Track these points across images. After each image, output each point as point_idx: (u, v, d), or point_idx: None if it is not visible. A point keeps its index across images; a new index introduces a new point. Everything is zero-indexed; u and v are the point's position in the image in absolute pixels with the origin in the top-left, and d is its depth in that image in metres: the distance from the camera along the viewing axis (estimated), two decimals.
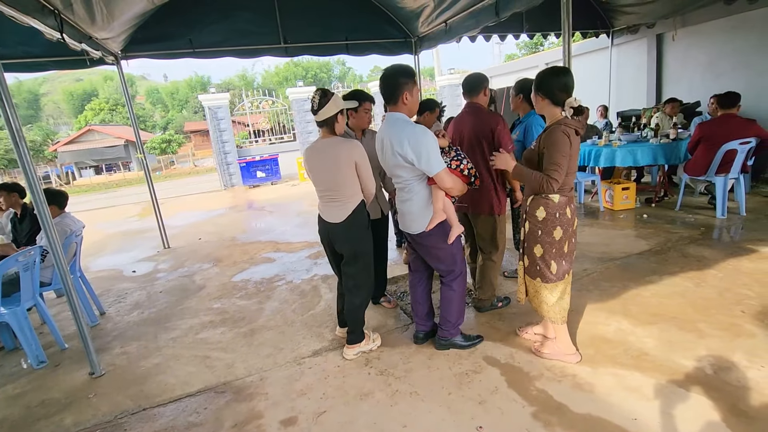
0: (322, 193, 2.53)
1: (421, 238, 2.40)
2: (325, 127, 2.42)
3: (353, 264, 2.54)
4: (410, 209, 2.37)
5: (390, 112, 2.34)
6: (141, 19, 4.75)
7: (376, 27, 6.23)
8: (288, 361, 2.72)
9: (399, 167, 2.28)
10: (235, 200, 10.07)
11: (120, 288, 4.53)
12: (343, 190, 2.42)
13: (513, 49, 25.15)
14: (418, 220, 2.36)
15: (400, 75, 2.26)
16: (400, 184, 2.38)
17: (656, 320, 2.69)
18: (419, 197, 2.33)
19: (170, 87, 54.51)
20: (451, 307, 2.55)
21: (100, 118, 37.46)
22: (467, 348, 2.61)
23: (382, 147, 2.36)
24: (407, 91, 2.27)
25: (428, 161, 2.16)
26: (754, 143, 4.32)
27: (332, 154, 2.39)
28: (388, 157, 2.32)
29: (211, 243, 6.04)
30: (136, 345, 3.18)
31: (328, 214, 2.52)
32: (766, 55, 6.04)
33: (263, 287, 4.06)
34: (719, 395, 1.99)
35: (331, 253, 2.69)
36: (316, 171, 2.48)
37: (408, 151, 2.17)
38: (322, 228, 2.61)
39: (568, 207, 2.20)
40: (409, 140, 2.17)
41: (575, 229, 2.29)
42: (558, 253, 2.24)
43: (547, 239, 2.22)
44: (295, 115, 12.92)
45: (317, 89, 2.40)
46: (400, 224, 2.53)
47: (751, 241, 3.81)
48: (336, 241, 2.53)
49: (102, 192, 18.71)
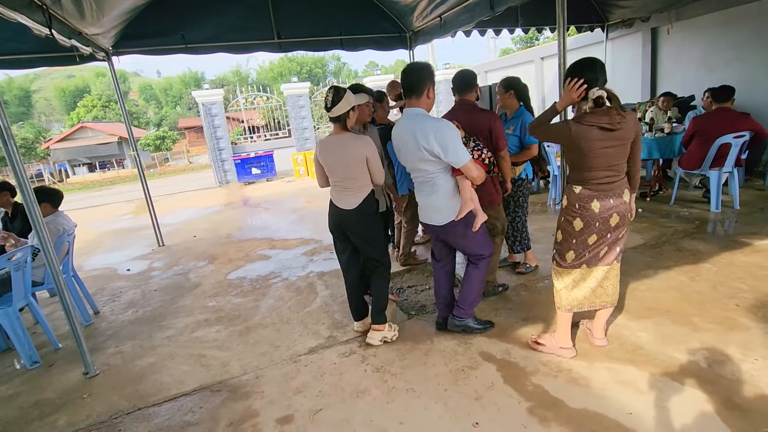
0: (335, 183, 2.63)
1: (447, 229, 2.46)
2: (338, 123, 2.53)
3: (369, 246, 2.67)
4: (435, 202, 2.42)
5: (409, 107, 2.40)
6: (132, 14, 4.68)
7: (371, 22, 6.18)
8: (284, 359, 2.71)
9: (424, 161, 2.32)
10: (230, 197, 10.02)
11: (114, 287, 4.49)
12: (354, 182, 2.55)
13: (508, 43, 25.08)
14: (444, 211, 2.42)
15: (426, 70, 2.35)
16: (422, 178, 2.43)
17: (651, 314, 2.70)
18: (444, 189, 2.38)
19: (163, 83, 54.05)
20: (473, 286, 2.61)
21: (93, 115, 37.12)
22: (479, 332, 2.68)
23: (403, 142, 2.39)
24: (431, 87, 2.35)
25: (455, 153, 2.23)
26: (748, 137, 4.34)
27: (344, 151, 2.51)
28: (411, 152, 2.35)
29: (206, 240, 6.01)
30: (130, 344, 3.16)
31: (341, 201, 2.62)
32: (760, 49, 6.06)
33: (259, 285, 4.05)
34: (713, 388, 2.00)
35: (341, 241, 2.76)
36: (329, 164, 2.59)
37: (434, 145, 2.22)
38: (335, 214, 2.68)
39: (596, 201, 2.14)
40: (435, 134, 2.22)
41: (615, 228, 2.19)
42: (579, 244, 2.23)
43: (567, 227, 2.26)
44: (290, 111, 12.83)
45: (330, 87, 2.48)
46: (421, 218, 2.59)
47: (745, 234, 3.83)
48: (348, 227, 2.64)
49: (96, 190, 18.57)
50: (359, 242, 2.68)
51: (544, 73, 10.27)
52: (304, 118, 12.90)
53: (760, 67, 6.10)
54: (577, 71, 2.14)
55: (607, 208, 2.15)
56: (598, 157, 2.08)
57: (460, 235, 2.48)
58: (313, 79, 41.69)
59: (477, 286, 2.63)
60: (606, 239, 2.22)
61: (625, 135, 2.08)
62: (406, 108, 2.44)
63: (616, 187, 2.15)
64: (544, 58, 10.25)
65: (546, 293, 3.14)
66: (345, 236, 2.70)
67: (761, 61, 6.08)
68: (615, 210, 2.16)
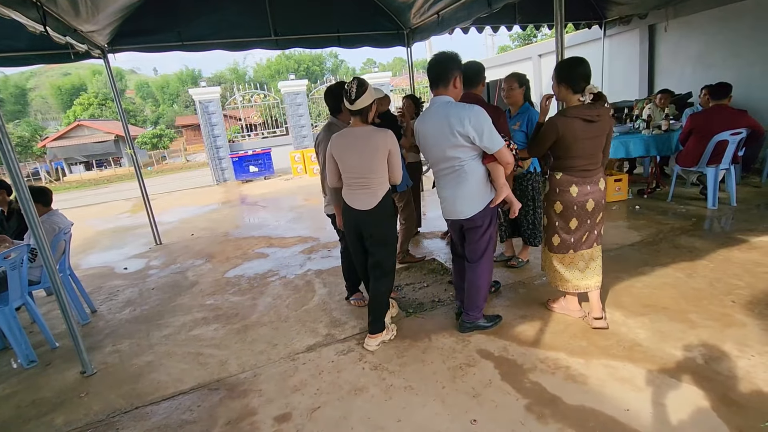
0: (352, 180, 2.53)
1: (474, 221, 2.46)
2: (359, 116, 2.46)
3: (381, 250, 2.60)
4: (467, 191, 2.41)
5: (437, 95, 2.41)
6: (127, 11, 4.65)
7: (368, 19, 6.16)
8: (282, 357, 2.71)
9: (458, 147, 2.32)
10: (228, 195, 9.99)
11: (111, 285, 4.48)
12: (375, 177, 2.47)
13: (507, 40, 25.02)
14: (475, 200, 2.42)
15: (453, 59, 2.37)
16: (450, 169, 2.41)
17: (648, 311, 2.71)
18: (475, 177, 2.39)
19: (160, 81, 53.71)
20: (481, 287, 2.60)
21: (89, 113, 36.86)
22: (490, 328, 2.70)
23: (433, 130, 2.37)
24: (458, 76, 2.38)
25: (491, 138, 2.27)
26: (744, 134, 4.35)
27: (369, 142, 2.42)
28: (443, 139, 2.33)
29: (203, 239, 5.99)
30: (128, 343, 3.15)
31: (357, 202, 2.53)
32: (757, 45, 6.06)
33: (256, 283, 4.04)
34: (710, 385, 2.01)
35: (357, 243, 2.68)
36: (348, 157, 2.48)
37: (469, 129, 2.24)
38: (350, 216, 2.60)
39: (575, 187, 2.40)
40: (470, 119, 2.24)
41: (592, 213, 2.45)
42: (561, 227, 2.49)
43: (549, 211, 2.52)
44: (288, 108, 12.79)
45: (354, 78, 2.43)
46: (447, 212, 2.56)
47: (742, 231, 3.84)
48: (365, 228, 2.56)
49: (93, 188, 18.49)
50: (373, 245, 2.59)
51: (542, 71, 10.27)
52: (301, 116, 12.86)
53: (757, 64, 6.11)
54: (573, 68, 2.37)
55: (584, 194, 2.41)
56: (580, 146, 2.34)
57: (482, 230, 2.48)
58: (310, 76, 41.50)
59: (485, 287, 2.63)
60: (586, 224, 2.47)
61: (603, 127, 2.37)
62: (433, 97, 2.45)
63: (593, 175, 2.42)
64: (541, 55, 10.24)
65: (544, 291, 3.15)
66: (359, 237, 2.62)
67: (758, 58, 6.08)
68: (591, 196, 2.42)
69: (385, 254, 2.62)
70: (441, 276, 3.69)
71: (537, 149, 2.53)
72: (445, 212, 2.59)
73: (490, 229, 2.51)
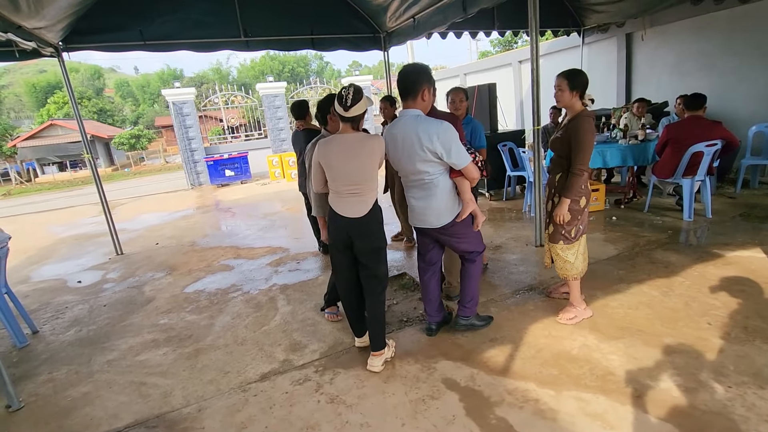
0: (342, 188, 2.39)
1: (446, 230, 2.47)
2: (350, 123, 2.36)
3: (375, 260, 2.48)
4: (435, 204, 2.41)
5: (406, 108, 2.38)
6: (81, 6, 4.36)
7: (343, 21, 5.98)
8: (232, 387, 2.48)
9: (426, 162, 2.31)
10: (202, 200, 9.66)
11: (60, 301, 4.16)
12: (367, 184, 2.37)
13: (488, 46, 25.17)
14: (444, 213, 2.43)
15: (422, 72, 2.34)
16: (420, 181, 2.40)
17: (622, 334, 2.57)
18: (443, 191, 2.39)
19: (141, 80, 52.55)
20: (474, 282, 2.66)
21: (64, 112, 35.65)
22: (483, 328, 2.76)
23: (403, 143, 2.34)
24: (426, 89, 2.33)
25: (458, 155, 2.27)
26: (719, 145, 4.30)
27: (362, 148, 2.33)
28: (414, 153, 2.31)
29: (168, 248, 5.69)
30: (66, 370, 2.87)
31: (348, 210, 2.40)
32: (731, 56, 6.10)
33: (217, 299, 3.79)
34: (686, 421, 1.87)
35: (342, 254, 2.52)
36: (339, 165, 2.35)
37: (438, 146, 2.23)
38: (340, 225, 2.43)
39: (587, 181, 2.65)
40: (438, 135, 2.23)
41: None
42: (582, 219, 2.69)
43: (575, 207, 2.63)
44: (266, 111, 12.50)
45: (350, 85, 2.35)
46: (416, 221, 2.55)
47: (716, 245, 3.77)
48: (357, 237, 2.43)
49: (66, 190, 17.72)
50: (366, 255, 2.46)
51: (522, 77, 10.24)
52: (280, 118, 12.59)
53: (730, 74, 6.15)
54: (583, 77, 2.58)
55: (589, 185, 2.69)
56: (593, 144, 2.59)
57: (459, 235, 2.51)
58: (295, 78, 41.08)
59: (476, 282, 2.67)
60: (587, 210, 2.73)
61: None
62: (402, 109, 2.41)
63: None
64: (522, 61, 10.21)
65: (516, 309, 3.00)
66: (348, 249, 2.48)
67: (732, 68, 6.12)
68: None
69: (379, 264, 2.52)
70: (412, 293, 3.51)
71: (589, 156, 2.59)
72: (415, 220, 2.56)
73: (471, 233, 2.55)
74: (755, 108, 5.86)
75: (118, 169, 26.63)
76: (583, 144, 2.52)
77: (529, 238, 4.41)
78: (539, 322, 2.81)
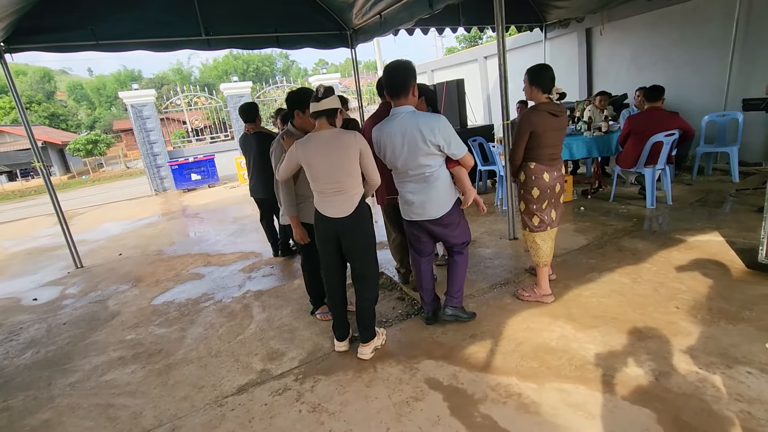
0: (325, 187, 2.37)
1: (443, 219, 2.55)
2: (324, 118, 2.33)
3: (363, 259, 2.49)
4: (435, 195, 2.48)
5: (397, 105, 2.42)
6: (24, 4, 4.06)
7: (309, 18, 5.86)
8: (208, 402, 2.37)
9: (429, 156, 2.40)
10: (167, 206, 9.28)
11: (14, 322, 3.88)
12: (350, 180, 2.35)
13: (454, 42, 25.44)
14: (444, 202, 2.52)
15: (408, 68, 2.38)
16: (420, 176, 2.46)
17: (597, 323, 2.63)
18: (442, 182, 2.48)
19: (96, 82, 49.93)
20: (461, 273, 2.73)
21: (11, 117, 33.45)
22: (467, 321, 2.79)
23: (402, 140, 2.38)
24: (413, 85, 2.40)
25: (457, 146, 2.40)
26: (677, 135, 4.49)
27: (340, 143, 2.30)
28: (417, 148, 2.37)
29: (132, 259, 5.42)
30: (22, 397, 2.67)
31: (333, 209, 2.38)
32: (685, 49, 6.39)
33: (187, 310, 3.63)
34: (662, 405, 1.92)
35: (330, 254, 2.50)
36: (319, 162, 2.33)
37: (440, 139, 2.34)
38: (326, 227, 2.41)
39: (546, 173, 2.75)
40: (439, 128, 2.33)
41: (558, 195, 2.85)
42: (538, 209, 2.81)
43: (527, 196, 2.82)
44: (231, 112, 12.14)
45: (320, 85, 2.34)
46: (414, 215, 2.58)
47: (678, 230, 3.93)
48: (345, 236, 2.42)
49: (17, 201, 16.65)
50: (354, 253, 2.46)
51: (488, 72, 10.39)
52: None
53: (684, 66, 6.44)
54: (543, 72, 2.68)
55: (553, 179, 2.78)
56: (549, 136, 2.70)
57: (454, 224, 2.59)
58: (261, 77, 40.19)
59: (464, 272, 2.74)
60: (552, 204, 2.84)
61: (564, 121, 2.76)
62: (395, 107, 2.43)
63: (557, 163, 2.81)
64: (487, 57, 10.36)
65: (495, 304, 3.02)
66: (337, 249, 2.47)
67: (686, 61, 6.41)
68: (558, 180, 2.81)
69: (369, 262, 2.52)
70: (390, 292, 3.48)
71: (518, 147, 2.76)
72: (412, 215, 2.60)
73: (462, 222, 2.65)
74: (708, 98, 6.16)
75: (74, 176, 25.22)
76: (515, 134, 2.75)
77: (503, 232, 4.46)
78: (517, 316, 2.84)
